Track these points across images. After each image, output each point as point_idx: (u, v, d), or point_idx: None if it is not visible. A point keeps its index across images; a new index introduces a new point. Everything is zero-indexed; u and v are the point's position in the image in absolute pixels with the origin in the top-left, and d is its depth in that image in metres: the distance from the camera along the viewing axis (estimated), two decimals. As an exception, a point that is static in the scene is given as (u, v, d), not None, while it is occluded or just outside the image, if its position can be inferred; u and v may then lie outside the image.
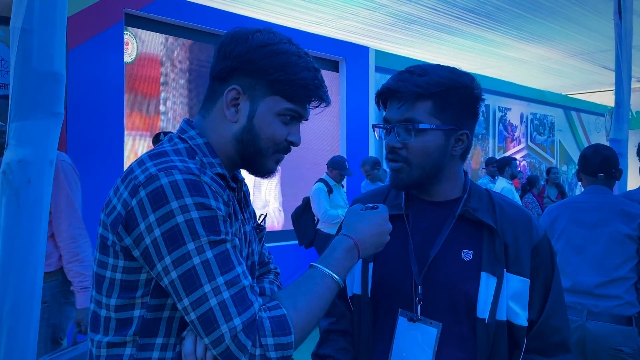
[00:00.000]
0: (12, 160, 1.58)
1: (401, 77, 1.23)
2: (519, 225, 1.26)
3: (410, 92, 1.20)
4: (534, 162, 10.51)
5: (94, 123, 4.65)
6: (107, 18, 4.73)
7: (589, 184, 2.63)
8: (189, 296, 0.94)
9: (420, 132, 1.20)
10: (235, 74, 1.08)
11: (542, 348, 1.25)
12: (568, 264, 2.47)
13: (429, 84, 1.19)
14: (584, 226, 2.50)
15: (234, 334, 0.93)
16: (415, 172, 1.23)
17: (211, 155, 1.08)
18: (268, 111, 1.08)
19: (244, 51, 1.06)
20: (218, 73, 1.10)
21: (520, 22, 6.54)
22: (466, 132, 1.26)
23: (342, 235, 1.12)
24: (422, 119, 1.20)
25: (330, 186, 5.36)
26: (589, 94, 11.96)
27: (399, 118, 1.22)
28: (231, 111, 1.09)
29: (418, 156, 1.22)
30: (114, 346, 1.02)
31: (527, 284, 1.23)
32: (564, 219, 2.58)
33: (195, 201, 0.95)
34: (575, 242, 2.50)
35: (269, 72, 1.06)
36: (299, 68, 1.07)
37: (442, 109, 1.21)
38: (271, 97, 1.08)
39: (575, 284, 2.43)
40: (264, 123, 1.09)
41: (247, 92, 1.08)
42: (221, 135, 1.10)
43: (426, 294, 1.23)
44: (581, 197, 2.64)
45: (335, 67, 7.02)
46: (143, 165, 1.01)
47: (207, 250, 0.95)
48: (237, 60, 1.07)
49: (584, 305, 2.39)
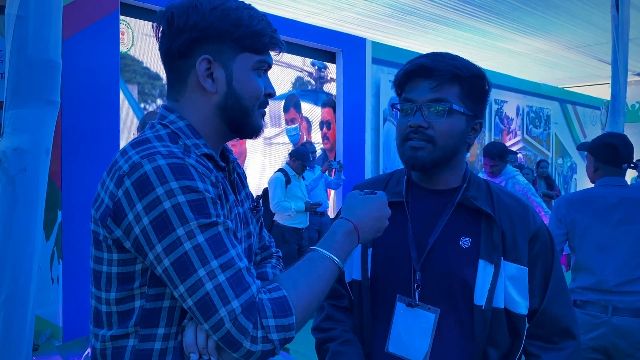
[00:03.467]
0: (7, 148, 1.57)
1: (434, 58, 1.24)
2: (516, 214, 1.27)
3: (447, 71, 1.21)
4: (530, 155, 10.54)
5: (89, 112, 4.63)
6: (102, 7, 4.70)
7: (607, 175, 2.49)
8: (183, 283, 0.93)
9: (450, 114, 1.22)
10: (197, 45, 1.04)
11: (546, 335, 1.27)
12: (593, 263, 2.41)
13: (463, 67, 1.22)
14: (609, 224, 2.41)
15: (234, 317, 0.92)
16: (437, 152, 1.24)
17: (195, 137, 1.06)
18: (243, 70, 1.07)
19: (199, 19, 1.03)
20: (178, 49, 1.05)
21: (517, 15, 6.53)
22: (480, 122, 1.29)
23: (342, 218, 1.11)
24: (453, 101, 1.23)
25: (289, 176, 5.19)
26: (585, 87, 11.98)
27: (429, 98, 1.23)
28: (208, 82, 1.06)
29: (444, 137, 1.23)
30: (117, 338, 1.02)
31: (525, 272, 1.24)
32: (586, 216, 2.46)
33: (180, 185, 0.94)
34: (600, 240, 2.42)
35: (231, 32, 1.04)
36: (254, 20, 1.06)
37: (467, 96, 1.24)
38: (241, 56, 1.06)
39: (601, 282, 2.37)
40: (242, 83, 1.07)
41: (217, 58, 1.05)
42: (203, 111, 1.08)
43: (424, 280, 1.25)
44: (599, 190, 2.50)
45: (332, 59, 7.00)
46: (126, 155, 0.99)
47: (198, 235, 0.93)
48: (195, 30, 1.03)
49: (609, 301, 2.35)
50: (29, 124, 1.59)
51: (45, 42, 1.60)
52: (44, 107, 1.61)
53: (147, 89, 5.21)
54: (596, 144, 2.57)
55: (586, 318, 2.38)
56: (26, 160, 1.58)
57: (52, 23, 1.62)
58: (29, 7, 1.56)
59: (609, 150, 2.49)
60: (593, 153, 2.56)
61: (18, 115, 1.59)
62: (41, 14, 1.59)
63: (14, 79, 1.58)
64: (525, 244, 1.25)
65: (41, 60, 1.60)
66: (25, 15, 1.56)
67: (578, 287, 2.44)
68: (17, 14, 1.56)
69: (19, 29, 1.56)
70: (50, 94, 1.63)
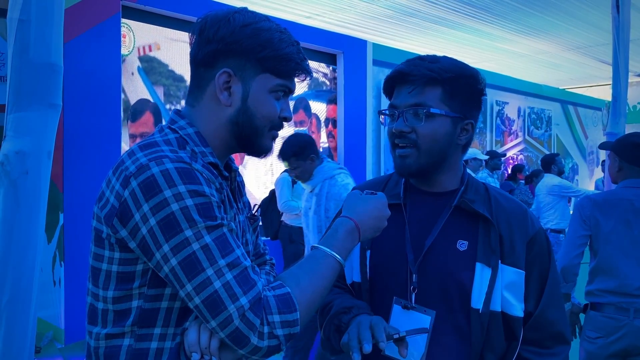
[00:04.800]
0: (9, 151, 1.58)
1: (413, 62, 1.25)
2: (514, 218, 1.27)
3: (422, 76, 1.22)
4: (532, 156, 10.53)
5: (90, 115, 4.64)
6: (103, 10, 4.71)
7: (632, 176, 2.44)
8: (191, 281, 0.94)
9: (430, 117, 1.22)
10: (222, 57, 1.07)
11: (539, 339, 1.27)
12: (616, 266, 2.38)
13: (440, 69, 1.22)
14: (634, 228, 2.38)
15: (242, 313, 0.94)
16: (423, 158, 1.24)
17: (202, 145, 1.08)
18: (261, 90, 1.09)
19: (228, 33, 1.06)
20: (203, 58, 1.08)
21: (518, 16, 6.53)
22: (471, 122, 1.28)
23: (343, 217, 1.13)
24: (432, 104, 1.23)
25: None
26: (586, 88, 11.97)
27: (408, 103, 1.24)
28: (224, 95, 1.08)
29: (427, 141, 1.23)
30: (112, 337, 1.03)
31: (522, 276, 1.24)
32: (612, 219, 2.42)
33: (188, 189, 0.95)
34: (624, 244, 2.39)
35: (256, 51, 1.06)
36: (283, 44, 1.08)
37: (451, 96, 1.24)
38: (262, 75, 1.08)
39: (623, 286, 2.35)
40: (258, 102, 1.09)
41: (237, 73, 1.07)
42: (214, 122, 1.10)
43: (421, 282, 1.25)
44: (625, 192, 2.44)
45: (333, 61, 7.01)
46: (133, 156, 1.01)
47: (205, 235, 0.95)
48: (222, 43, 1.06)
49: (630, 304, 2.32)
50: (31, 127, 1.60)
51: (47, 46, 1.61)
52: (45, 110, 1.62)
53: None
54: (622, 143, 2.51)
55: (606, 321, 2.35)
56: (28, 163, 1.59)
57: (54, 27, 1.63)
58: (30, 11, 1.57)
59: (635, 150, 2.44)
60: (618, 152, 2.50)
61: (20, 118, 1.60)
62: (43, 18, 1.60)
63: (16, 82, 1.59)
64: (523, 247, 1.25)
65: (43, 63, 1.61)
66: (27, 19, 1.57)
67: (598, 289, 2.42)
68: (19, 17, 1.57)
69: (21, 32, 1.57)
70: (52, 97, 1.64)
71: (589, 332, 2.42)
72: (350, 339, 1.13)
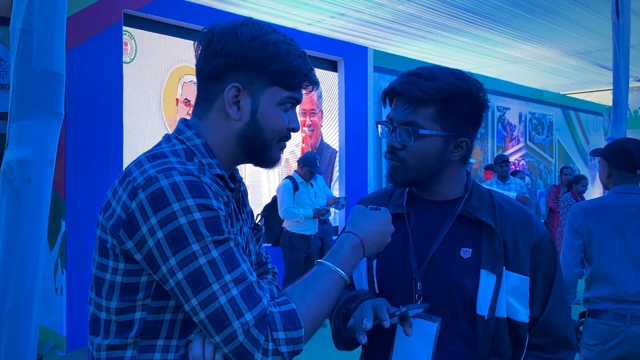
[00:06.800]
0: (12, 159, 1.59)
1: (408, 80, 1.24)
2: (518, 224, 1.27)
3: (414, 97, 1.22)
4: (533, 162, 10.53)
5: (93, 123, 4.66)
6: (105, 18, 4.74)
7: (622, 182, 2.45)
8: (196, 296, 0.94)
9: (420, 137, 1.23)
10: (230, 71, 1.06)
11: (545, 345, 1.27)
12: (611, 273, 2.38)
13: (433, 90, 1.20)
14: (627, 234, 2.38)
15: (247, 330, 0.93)
16: (410, 173, 1.26)
17: (209, 156, 1.07)
18: (270, 103, 1.08)
19: (236, 46, 1.04)
20: (211, 72, 1.07)
21: (518, 22, 6.55)
22: (466, 140, 1.27)
23: (348, 232, 1.13)
24: (424, 124, 1.22)
25: (297, 183, 5.24)
26: (587, 94, 11.97)
27: (401, 120, 1.24)
28: (234, 109, 1.07)
29: (415, 159, 1.25)
30: (114, 348, 1.02)
31: (527, 282, 1.24)
32: (605, 225, 2.41)
33: (197, 202, 0.95)
34: (618, 251, 2.38)
35: (265, 65, 1.05)
36: (291, 56, 1.07)
37: (445, 116, 1.23)
38: (270, 89, 1.07)
39: (619, 292, 2.35)
40: (267, 116, 1.08)
41: (246, 87, 1.06)
42: (222, 135, 1.09)
43: (425, 290, 1.25)
44: (616, 198, 2.44)
45: (334, 67, 7.03)
46: (141, 167, 1.00)
47: (212, 250, 0.95)
48: (230, 57, 1.05)
49: (627, 310, 2.33)
50: (34, 135, 1.61)
51: (50, 55, 1.62)
52: (48, 118, 1.63)
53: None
54: (610, 149, 2.52)
55: (603, 327, 2.36)
56: (31, 171, 1.59)
57: (56, 36, 1.63)
58: (33, 21, 1.58)
59: (623, 156, 2.44)
60: (607, 158, 2.51)
61: (23, 127, 1.60)
62: (45, 27, 1.61)
63: (18, 91, 1.60)
64: (528, 253, 1.25)
65: (45, 72, 1.61)
66: (30, 28, 1.58)
67: (594, 296, 2.42)
68: (21, 27, 1.57)
69: (23, 42, 1.58)
70: (54, 106, 1.64)
71: (586, 339, 2.42)
72: (355, 322, 1.16)
